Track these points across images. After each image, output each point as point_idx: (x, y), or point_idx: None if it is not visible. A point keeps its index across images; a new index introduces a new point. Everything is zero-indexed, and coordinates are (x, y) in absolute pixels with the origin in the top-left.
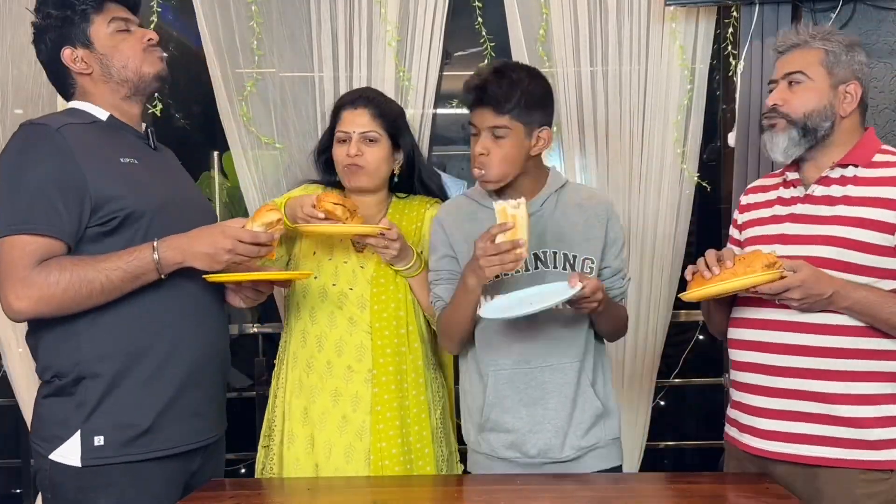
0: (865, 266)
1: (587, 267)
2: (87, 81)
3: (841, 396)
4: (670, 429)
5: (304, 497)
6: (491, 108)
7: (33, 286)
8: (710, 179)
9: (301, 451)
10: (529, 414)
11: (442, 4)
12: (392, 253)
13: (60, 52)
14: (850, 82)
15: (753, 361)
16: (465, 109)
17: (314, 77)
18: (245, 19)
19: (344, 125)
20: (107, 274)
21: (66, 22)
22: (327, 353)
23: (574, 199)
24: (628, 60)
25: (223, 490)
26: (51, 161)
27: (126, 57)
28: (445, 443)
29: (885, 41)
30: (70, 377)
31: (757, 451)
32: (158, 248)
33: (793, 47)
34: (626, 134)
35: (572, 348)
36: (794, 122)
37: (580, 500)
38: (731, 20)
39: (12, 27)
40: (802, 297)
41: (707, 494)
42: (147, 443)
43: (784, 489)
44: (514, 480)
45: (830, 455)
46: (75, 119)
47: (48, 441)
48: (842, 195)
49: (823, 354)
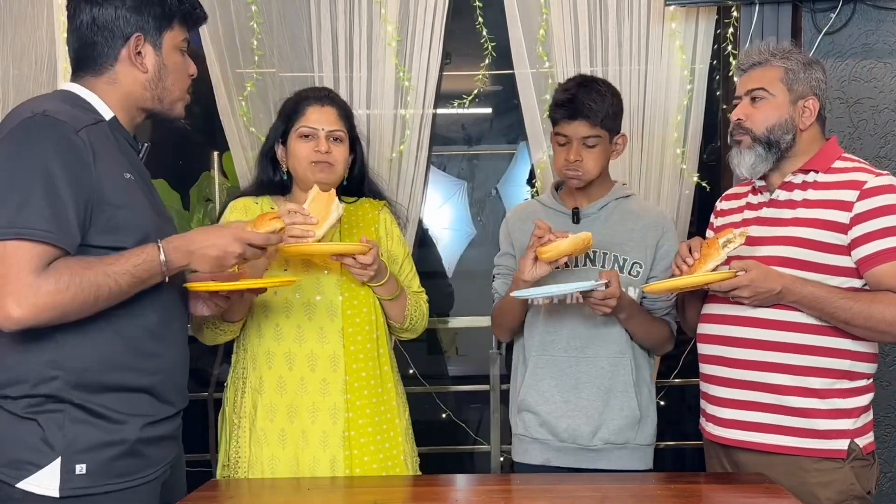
0: (822, 264)
1: (635, 270)
2: (127, 73)
3: (792, 388)
4: (670, 429)
5: (304, 497)
6: (586, 121)
7: (40, 293)
8: (710, 179)
9: (287, 474)
10: (563, 399)
11: (442, 4)
12: (370, 274)
13: (129, 35)
14: (809, 98)
15: (717, 354)
16: (462, 111)
17: (314, 77)
18: (245, 19)
19: (310, 121)
20: (115, 279)
21: (153, 10)
22: (299, 369)
23: (635, 208)
24: (628, 60)
25: (223, 490)
26: (66, 163)
27: (175, 82)
28: (411, 444)
29: (885, 41)
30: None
31: (721, 439)
32: (165, 249)
33: (755, 65)
34: (626, 134)
35: (610, 345)
36: (757, 137)
37: (580, 500)
38: (731, 20)
39: (13, 27)
40: (751, 294)
41: (707, 494)
42: (130, 470)
43: (783, 489)
44: (515, 480)
45: (783, 443)
46: (85, 116)
47: (15, 468)
48: (802, 199)
49: (778, 349)
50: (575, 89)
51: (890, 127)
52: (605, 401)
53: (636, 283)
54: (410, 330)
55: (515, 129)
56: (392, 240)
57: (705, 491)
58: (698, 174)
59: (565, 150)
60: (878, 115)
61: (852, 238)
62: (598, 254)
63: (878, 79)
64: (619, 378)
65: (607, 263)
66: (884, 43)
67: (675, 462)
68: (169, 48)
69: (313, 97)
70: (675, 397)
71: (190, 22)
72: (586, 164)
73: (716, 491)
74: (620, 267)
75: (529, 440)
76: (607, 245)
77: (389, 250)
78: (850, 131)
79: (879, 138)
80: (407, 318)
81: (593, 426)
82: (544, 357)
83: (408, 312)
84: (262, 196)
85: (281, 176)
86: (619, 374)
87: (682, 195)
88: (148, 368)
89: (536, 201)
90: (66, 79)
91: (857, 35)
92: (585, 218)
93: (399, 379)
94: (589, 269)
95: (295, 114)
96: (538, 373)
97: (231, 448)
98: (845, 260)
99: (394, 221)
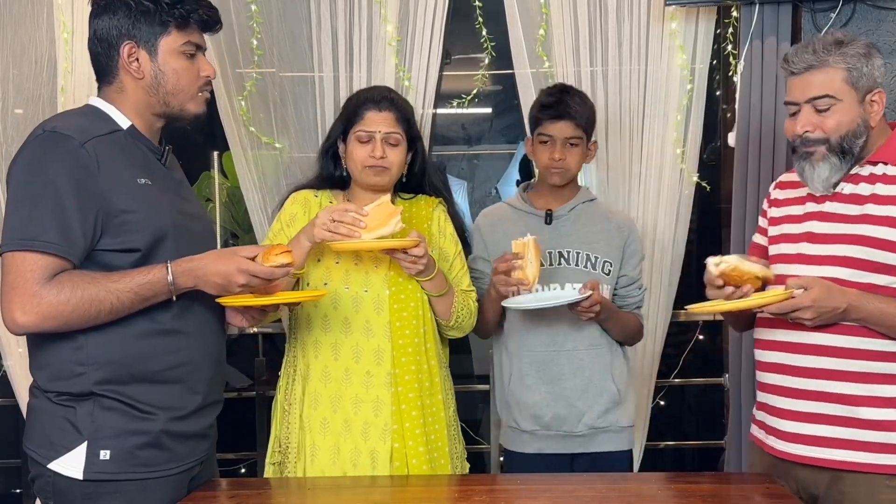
0: (894, 266)
1: (606, 268)
2: (129, 81)
3: (863, 398)
4: (670, 429)
5: (305, 497)
6: (572, 122)
7: (42, 303)
8: (710, 179)
9: (326, 462)
10: (548, 390)
11: (442, 4)
12: (419, 268)
13: (121, 43)
14: (875, 91)
15: (777, 362)
16: (462, 111)
17: (314, 77)
18: (245, 19)
19: (367, 125)
20: (118, 296)
21: (145, 16)
22: (344, 360)
23: (601, 211)
24: (628, 60)
25: (223, 490)
26: (72, 177)
27: (179, 86)
28: (457, 439)
29: (885, 41)
30: (77, 387)
31: (780, 453)
32: (173, 271)
33: (810, 67)
34: (626, 134)
35: (588, 338)
36: (832, 147)
37: (580, 499)
38: (731, 20)
39: (13, 27)
40: (814, 315)
41: (707, 494)
42: (153, 461)
43: (783, 489)
44: (515, 480)
45: (854, 459)
46: (97, 128)
47: (47, 449)
48: (870, 193)
49: (846, 355)
50: (559, 94)
51: None
52: (585, 388)
53: (608, 281)
54: (457, 328)
55: (515, 129)
56: (445, 237)
57: (705, 491)
58: (698, 174)
59: (549, 149)
60: None
61: None
62: (572, 252)
63: None
64: (596, 367)
65: (580, 261)
66: (884, 43)
67: (676, 462)
68: (166, 53)
69: (372, 100)
70: (675, 397)
71: (193, 25)
72: (569, 163)
73: (717, 491)
74: (593, 265)
75: (520, 432)
76: (579, 244)
77: (441, 247)
78: None
79: None
80: (453, 316)
81: (577, 413)
82: (526, 353)
83: (454, 310)
84: (322, 190)
85: (341, 172)
86: (597, 363)
87: (682, 195)
88: (172, 360)
89: (506, 204)
90: (67, 79)
91: (857, 35)
92: (557, 219)
93: (447, 374)
94: (564, 268)
95: (354, 115)
96: (523, 368)
97: (282, 434)
98: None
99: (447, 219)
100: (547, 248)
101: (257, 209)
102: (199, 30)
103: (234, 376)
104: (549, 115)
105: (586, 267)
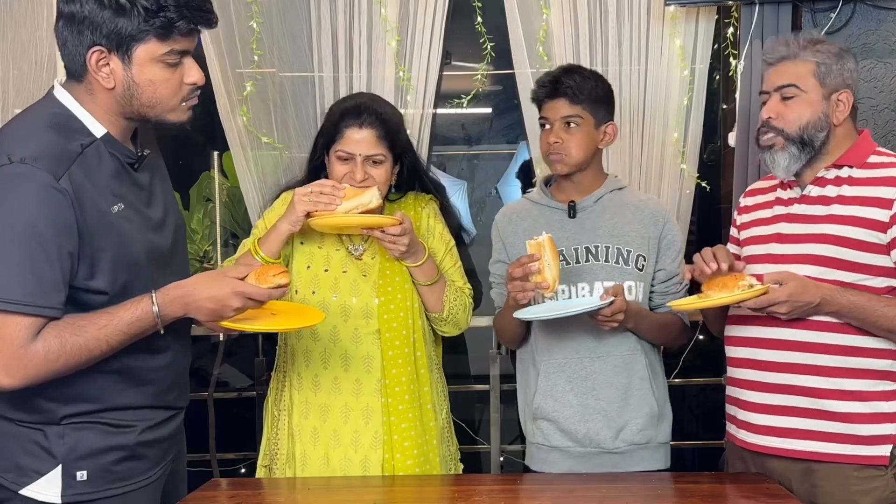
0: (858, 263)
1: (640, 263)
2: (98, 87)
3: (831, 392)
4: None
5: (304, 497)
6: (566, 99)
7: (30, 364)
8: (710, 179)
9: (316, 471)
10: (580, 403)
11: (442, 4)
12: (400, 249)
13: (88, 50)
14: (842, 91)
15: (748, 357)
16: (462, 111)
17: (314, 77)
18: (245, 19)
19: (347, 145)
20: (107, 341)
21: (118, 18)
22: (333, 369)
23: (632, 200)
24: (628, 60)
25: (223, 490)
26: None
27: (157, 98)
28: (451, 441)
29: (885, 41)
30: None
31: (753, 446)
32: (158, 302)
33: (784, 59)
34: (626, 134)
35: (622, 343)
36: (790, 137)
37: (580, 499)
38: (731, 20)
39: (13, 27)
40: (790, 309)
41: (707, 494)
42: (131, 474)
43: (784, 489)
44: (514, 480)
45: (824, 450)
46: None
47: (16, 474)
48: (836, 195)
49: (814, 350)
50: (558, 72)
51: (890, 127)
52: (625, 400)
53: (642, 278)
54: (451, 322)
55: (515, 129)
56: (433, 236)
57: (706, 491)
58: (698, 174)
59: (546, 132)
60: (878, 115)
61: (893, 237)
62: (600, 247)
63: (878, 79)
64: (635, 374)
65: (610, 257)
66: (884, 43)
67: (675, 462)
68: (143, 64)
69: (352, 117)
70: (675, 397)
71: (178, 32)
72: (567, 146)
73: (717, 491)
74: (624, 259)
75: (548, 449)
76: (608, 238)
77: (430, 247)
78: None
79: (879, 138)
80: (445, 308)
81: (615, 428)
82: (555, 360)
83: (446, 301)
84: None
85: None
86: (635, 370)
87: (682, 195)
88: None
89: (527, 199)
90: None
91: (857, 35)
92: (582, 212)
93: (439, 376)
94: (593, 265)
95: (335, 131)
96: (551, 377)
97: (271, 440)
98: (884, 259)
99: (437, 217)
100: (572, 244)
101: (257, 209)
102: (189, 37)
103: (234, 376)
104: (542, 94)
105: (617, 262)
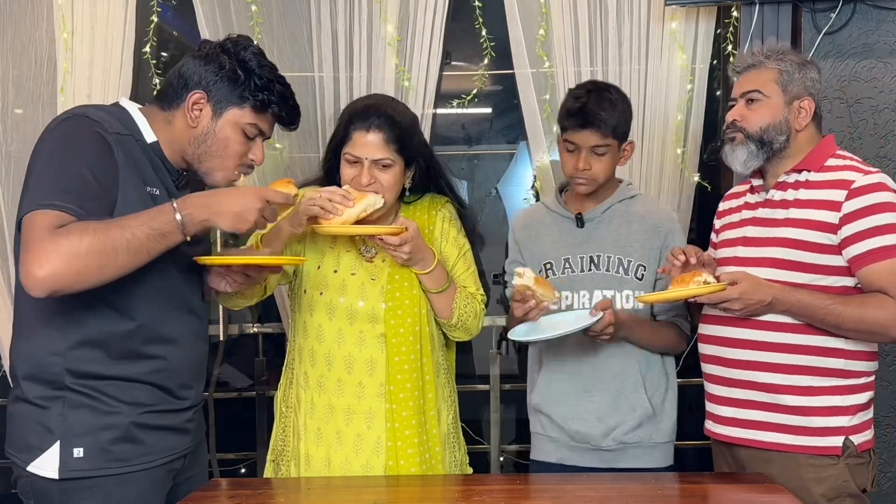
0: (814, 264)
1: (639, 273)
2: (181, 122)
3: (786, 387)
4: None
5: (305, 497)
6: (597, 131)
7: (55, 250)
8: (710, 179)
9: (318, 471)
10: (574, 402)
11: (442, 4)
12: (402, 257)
13: (191, 89)
14: (804, 98)
15: (714, 354)
16: (462, 111)
17: (314, 77)
18: (245, 19)
19: (354, 148)
20: (132, 231)
21: (230, 82)
22: (337, 371)
23: (639, 210)
24: (628, 60)
25: (223, 490)
26: (99, 155)
27: (222, 154)
28: (457, 446)
29: (885, 41)
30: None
31: (719, 436)
32: (180, 208)
33: (749, 67)
34: (634, 140)
35: (620, 352)
36: (750, 135)
37: (580, 499)
38: (731, 20)
39: (13, 27)
40: (742, 307)
41: (707, 494)
42: (128, 455)
43: (782, 487)
44: (514, 480)
45: (779, 441)
46: (122, 129)
47: (25, 452)
48: (794, 198)
49: (770, 349)
50: (586, 97)
51: (890, 127)
52: (615, 403)
53: (642, 287)
54: (461, 328)
55: (515, 129)
56: (447, 241)
57: (706, 491)
58: (698, 174)
59: (574, 157)
60: (878, 115)
61: (842, 238)
62: (602, 257)
63: (878, 79)
64: (628, 379)
65: (612, 266)
66: (884, 43)
67: (676, 462)
68: (229, 122)
69: (360, 120)
70: None
71: (271, 113)
72: (595, 172)
73: (716, 490)
74: (625, 269)
75: (546, 438)
76: (612, 248)
77: (442, 251)
78: (850, 131)
79: (879, 138)
80: (454, 314)
81: (604, 428)
82: (556, 359)
83: (455, 307)
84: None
85: None
86: (629, 374)
87: (682, 195)
88: (145, 366)
89: (542, 205)
90: (66, 79)
91: (857, 35)
92: (589, 222)
93: (447, 381)
94: (593, 275)
95: (345, 134)
96: (552, 376)
97: (278, 437)
98: (837, 259)
99: (452, 221)
100: (578, 252)
101: None
102: (271, 121)
103: (234, 376)
104: (573, 124)
105: (618, 272)
